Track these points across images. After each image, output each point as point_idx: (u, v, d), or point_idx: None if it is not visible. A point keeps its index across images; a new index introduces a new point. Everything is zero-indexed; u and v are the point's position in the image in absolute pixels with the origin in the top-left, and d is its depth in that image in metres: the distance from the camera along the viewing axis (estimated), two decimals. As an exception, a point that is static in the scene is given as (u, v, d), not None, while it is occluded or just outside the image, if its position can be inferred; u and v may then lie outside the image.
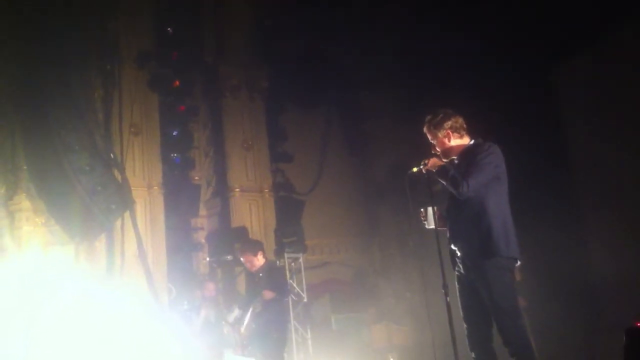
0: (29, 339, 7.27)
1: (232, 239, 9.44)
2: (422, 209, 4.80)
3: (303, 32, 10.29)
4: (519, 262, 4.57)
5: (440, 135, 4.75)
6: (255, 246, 7.74)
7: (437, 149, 4.81)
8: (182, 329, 8.33)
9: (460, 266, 4.64)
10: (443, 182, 4.63)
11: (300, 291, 9.94)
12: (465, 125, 4.82)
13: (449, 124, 4.75)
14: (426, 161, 4.69)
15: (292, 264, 10.05)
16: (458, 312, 4.77)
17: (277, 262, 9.39)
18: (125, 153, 8.72)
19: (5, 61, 8.25)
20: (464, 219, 4.61)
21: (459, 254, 4.65)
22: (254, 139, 10.33)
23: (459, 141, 4.78)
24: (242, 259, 7.59)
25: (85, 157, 8.18)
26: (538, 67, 8.62)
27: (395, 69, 10.08)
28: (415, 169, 4.72)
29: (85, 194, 8.12)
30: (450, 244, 4.71)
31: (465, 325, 4.64)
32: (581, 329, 7.95)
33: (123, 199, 8.45)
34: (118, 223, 8.57)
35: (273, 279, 7.54)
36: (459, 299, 4.71)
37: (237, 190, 10.00)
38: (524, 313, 5.46)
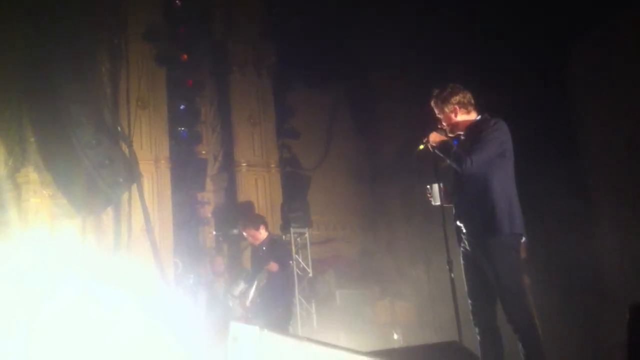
0: (32, 328, 7.31)
1: (238, 214, 9.48)
2: (427, 186, 4.81)
3: (313, 10, 10.21)
4: (524, 239, 4.58)
5: (447, 110, 4.74)
6: (257, 220, 7.85)
7: (444, 124, 4.80)
8: (188, 303, 8.40)
9: (466, 242, 4.64)
10: (445, 157, 4.62)
11: (305, 266, 9.99)
12: (473, 101, 4.80)
13: (456, 98, 4.74)
14: (428, 138, 4.67)
15: (298, 239, 10.10)
16: (463, 288, 4.79)
17: (283, 236, 9.44)
18: (132, 127, 8.72)
19: (12, 35, 8.22)
20: (467, 196, 4.61)
21: (464, 230, 4.65)
22: (261, 114, 10.33)
23: (466, 117, 4.76)
24: (244, 233, 7.68)
25: (92, 131, 8.17)
26: (550, 49, 8.53)
27: (406, 49, 10.00)
28: (421, 147, 4.71)
29: (92, 167, 8.12)
30: (456, 221, 4.72)
31: (470, 302, 4.66)
32: (585, 307, 7.96)
33: (130, 173, 8.46)
34: (125, 197, 8.59)
35: (276, 252, 7.63)
36: (464, 276, 4.73)
37: (244, 165, 10.02)
38: (528, 291, 5.48)
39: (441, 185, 4.80)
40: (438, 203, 4.78)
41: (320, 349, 2.43)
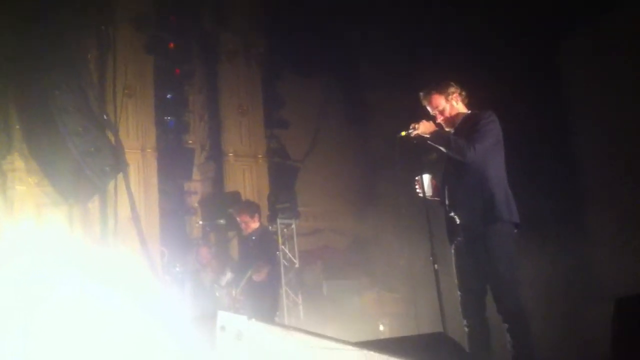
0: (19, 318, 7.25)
1: (225, 204, 9.46)
2: (417, 177, 4.80)
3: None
4: (517, 230, 4.59)
5: (442, 101, 4.75)
6: (253, 208, 7.84)
7: (438, 117, 4.80)
8: (174, 291, 8.39)
9: (461, 233, 4.64)
10: (441, 147, 4.61)
11: (292, 257, 9.99)
12: (463, 94, 4.83)
13: (452, 90, 4.76)
14: (416, 125, 4.66)
15: (285, 229, 10.08)
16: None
17: (270, 227, 9.43)
18: (118, 115, 8.66)
19: (-2, 19, 8.14)
20: (464, 185, 4.61)
21: (458, 221, 4.65)
22: (250, 104, 10.29)
23: (462, 106, 4.79)
24: (238, 218, 7.65)
25: (79, 119, 8.12)
26: (542, 46, 8.53)
27: (396, 40, 9.96)
28: (404, 133, 4.71)
29: (78, 155, 8.07)
30: (450, 212, 4.71)
31: (459, 293, 4.67)
32: (571, 302, 7.99)
33: (116, 161, 8.41)
34: (111, 185, 8.54)
35: (265, 244, 7.62)
36: (455, 267, 4.73)
37: (231, 155, 10.00)
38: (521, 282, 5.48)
39: (431, 177, 4.80)
40: (429, 194, 4.78)
41: (307, 338, 2.42)
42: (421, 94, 4.87)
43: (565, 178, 8.26)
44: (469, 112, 4.81)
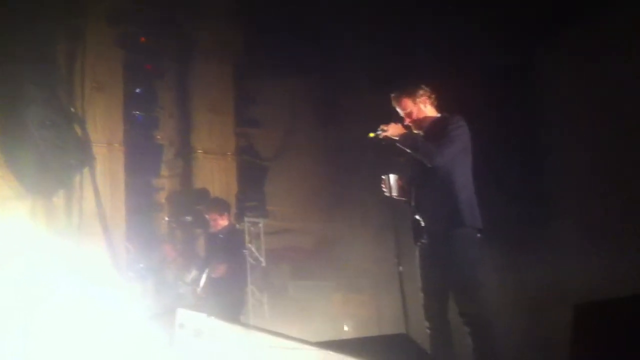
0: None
1: (193, 201, 9.41)
2: (383, 177, 4.84)
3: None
4: (480, 235, 4.64)
5: (412, 104, 4.79)
6: (223, 206, 7.82)
7: (407, 119, 4.84)
8: (136, 288, 8.32)
9: (425, 236, 4.68)
10: (410, 150, 4.65)
11: (259, 256, 9.96)
12: (435, 97, 4.87)
13: (421, 92, 4.80)
14: (385, 127, 4.70)
15: (252, 228, 10.05)
16: (412, 282, 4.83)
17: (237, 225, 9.40)
18: (86, 109, 8.56)
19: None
20: (430, 189, 4.66)
21: (423, 224, 4.69)
22: (221, 101, 10.23)
23: (431, 109, 4.84)
24: (207, 216, 7.62)
25: (47, 111, 8.01)
26: (516, 48, 8.60)
27: (371, 42, 9.99)
28: (372, 134, 4.74)
29: (45, 148, 7.96)
30: (414, 214, 4.75)
31: (422, 295, 4.70)
32: (539, 305, 8.07)
33: (83, 155, 8.32)
34: (77, 179, 8.44)
35: (232, 242, 7.60)
36: (419, 269, 4.77)
37: (200, 152, 9.93)
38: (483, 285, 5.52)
39: (397, 177, 4.84)
40: (394, 194, 4.81)
41: (267, 337, 2.42)
42: (392, 95, 4.91)
43: (533, 184, 8.35)
44: (439, 115, 4.85)
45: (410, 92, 4.82)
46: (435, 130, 4.72)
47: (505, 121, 8.39)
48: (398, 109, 4.90)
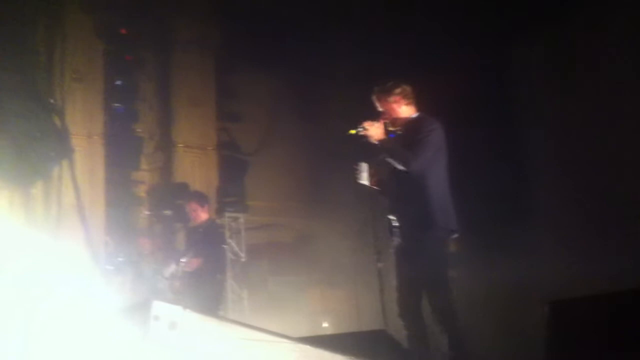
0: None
1: (173, 195, 9.34)
2: (355, 165, 4.86)
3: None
4: (455, 235, 4.66)
5: (390, 99, 4.80)
6: (204, 198, 7.77)
7: (385, 117, 4.85)
8: (114, 281, 8.27)
9: (398, 235, 4.70)
10: (388, 155, 4.66)
11: (238, 251, 9.93)
12: (413, 96, 4.87)
13: (398, 90, 4.82)
14: (366, 126, 4.71)
15: (232, 223, 10.02)
16: (391, 278, 4.84)
17: (217, 220, 9.35)
18: (66, 99, 8.46)
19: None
20: (403, 191, 4.67)
21: (395, 224, 4.71)
22: (202, 95, 10.17)
23: (406, 109, 4.84)
24: (187, 207, 7.57)
25: (25, 102, 7.92)
26: (494, 50, 8.63)
27: (352, 38, 9.99)
28: (353, 131, 4.75)
29: (24, 139, 7.89)
30: (388, 214, 4.77)
31: (397, 294, 4.71)
32: (512, 304, 8.13)
33: (62, 147, 8.25)
34: (55, 171, 8.36)
35: (211, 237, 7.56)
36: (394, 267, 4.78)
37: (181, 145, 9.87)
38: (453, 284, 5.53)
39: (368, 165, 4.85)
40: (365, 182, 4.83)
41: (243, 331, 2.40)
42: (373, 92, 4.92)
43: (508, 185, 8.40)
44: (414, 115, 4.85)
45: (386, 90, 4.84)
46: (409, 132, 4.75)
47: (481, 122, 8.43)
48: (377, 106, 4.91)
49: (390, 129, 4.81)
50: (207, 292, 7.27)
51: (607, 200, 7.21)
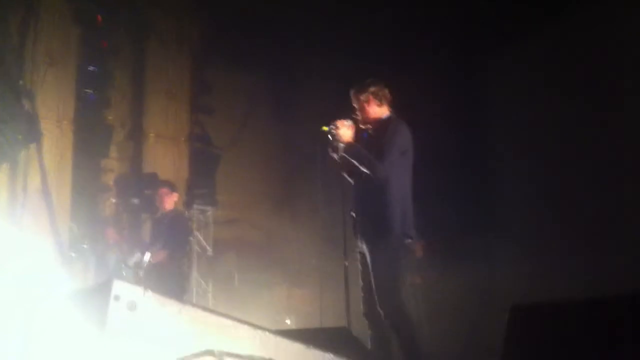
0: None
1: (141, 185, 9.26)
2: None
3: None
4: (411, 240, 4.66)
5: (362, 98, 4.82)
6: (174, 186, 7.76)
7: (357, 115, 4.87)
8: (77, 268, 8.19)
9: (359, 236, 4.73)
10: (355, 161, 4.65)
11: (206, 245, 9.88)
12: (388, 97, 4.89)
13: (372, 89, 4.84)
14: (337, 124, 4.72)
15: (200, 216, 9.97)
16: (357, 277, 4.86)
17: (186, 212, 9.30)
18: (36, 83, 8.34)
19: None
20: (364, 194, 4.70)
21: (356, 226, 4.73)
22: (176, 86, 10.07)
23: (378, 110, 4.85)
24: (157, 191, 7.55)
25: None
26: (467, 58, 8.72)
27: (331, 37, 10.00)
28: (325, 128, 4.75)
29: (-9, 121, 7.76)
30: (351, 212, 4.79)
31: (362, 294, 4.73)
32: (475, 310, 8.21)
33: (31, 131, 8.13)
34: (22, 155, 8.24)
35: (177, 228, 7.53)
36: (359, 267, 4.80)
37: (152, 135, 9.76)
38: (418, 290, 5.56)
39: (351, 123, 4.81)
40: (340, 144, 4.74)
41: (203, 315, 2.40)
42: (351, 89, 4.94)
43: (476, 192, 8.49)
44: (384, 116, 4.86)
45: (361, 87, 4.86)
46: (376, 132, 4.77)
47: (453, 128, 8.51)
48: (354, 104, 4.94)
49: (362, 127, 4.83)
50: (171, 284, 7.24)
51: (569, 206, 7.34)
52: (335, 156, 4.78)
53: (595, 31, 7.33)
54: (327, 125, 4.79)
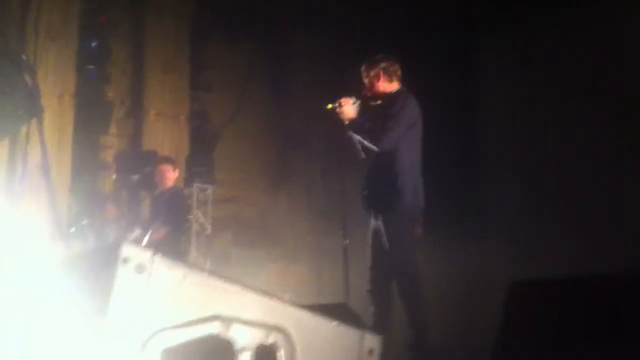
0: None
1: (141, 162, 9.28)
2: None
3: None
4: (422, 209, 4.72)
5: (372, 73, 4.84)
6: (175, 162, 7.80)
7: (365, 91, 4.89)
8: (77, 245, 8.23)
9: (371, 211, 4.76)
10: (358, 136, 4.69)
11: (205, 222, 9.91)
12: (399, 72, 4.91)
13: (383, 64, 4.86)
14: (342, 102, 4.74)
15: (200, 194, 9.99)
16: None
17: (184, 190, 9.32)
18: (38, 58, 8.32)
19: None
20: (375, 167, 4.72)
21: (369, 200, 4.76)
22: (175, 63, 10.05)
23: (387, 85, 4.87)
24: (158, 167, 7.57)
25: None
26: (460, 39, 8.70)
27: (329, 13, 9.96)
28: (330, 106, 4.78)
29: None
30: (364, 190, 4.82)
31: (369, 270, 4.78)
32: (471, 292, 8.26)
33: (31, 106, 8.12)
34: (23, 130, 8.24)
35: (176, 206, 7.56)
36: (369, 244, 4.84)
37: (152, 113, 9.76)
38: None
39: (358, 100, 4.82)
40: (350, 116, 4.74)
41: (210, 280, 2.44)
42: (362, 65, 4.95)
43: (470, 173, 8.51)
44: (393, 90, 4.88)
45: (372, 63, 4.89)
46: (384, 107, 4.79)
47: (447, 111, 8.51)
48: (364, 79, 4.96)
49: (372, 103, 4.85)
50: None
51: (567, 207, 7.39)
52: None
53: (595, 31, 7.33)
54: (332, 104, 4.81)
